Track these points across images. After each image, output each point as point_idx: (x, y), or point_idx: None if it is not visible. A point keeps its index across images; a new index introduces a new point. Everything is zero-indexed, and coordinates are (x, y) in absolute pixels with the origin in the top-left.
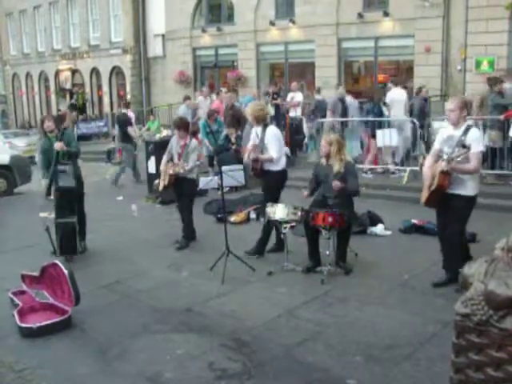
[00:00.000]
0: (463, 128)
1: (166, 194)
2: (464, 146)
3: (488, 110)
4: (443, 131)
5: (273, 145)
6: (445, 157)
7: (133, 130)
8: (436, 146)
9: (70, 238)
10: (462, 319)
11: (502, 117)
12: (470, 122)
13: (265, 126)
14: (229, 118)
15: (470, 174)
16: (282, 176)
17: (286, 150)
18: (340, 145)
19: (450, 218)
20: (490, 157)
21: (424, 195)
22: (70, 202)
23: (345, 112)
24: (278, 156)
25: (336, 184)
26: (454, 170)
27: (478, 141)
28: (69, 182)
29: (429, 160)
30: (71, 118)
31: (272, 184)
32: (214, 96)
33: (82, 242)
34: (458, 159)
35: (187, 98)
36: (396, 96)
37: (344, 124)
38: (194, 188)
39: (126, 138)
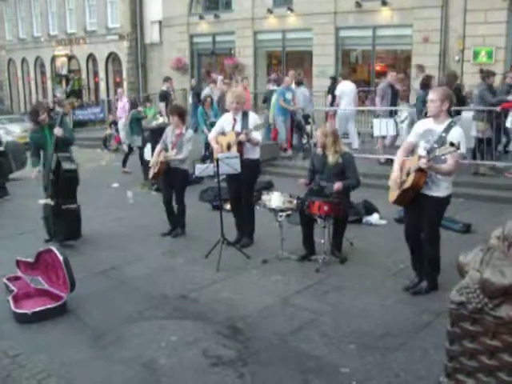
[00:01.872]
0: (445, 124)
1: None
2: (452, 144)
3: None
4: (420, 124)
5: (259, 128)
6: (423, 153)
7: (163, 106)
8: (410, 139)
9: (76, 222)
10: (457, 307)
11: (498, 108)
12: (454, 119)
13: (244, 113)
14: (224, 105)
15: (447, 176)
16: (259, 164)
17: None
18: (335, 136)
19: (424, 220)
20: (484, 147)
21: (393, 193)
22: (74, 185)
23: (395, 98)
24: (261, 142)
25: (338, 186)
26: (431, 168)
27: (460, 141)
28: (72, 165)
29: (400, 153)
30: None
31: (252, 172)
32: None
33: None
34: (443, 158)
35: (212, 81)
36: (345, 88)
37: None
38: (186, 179)
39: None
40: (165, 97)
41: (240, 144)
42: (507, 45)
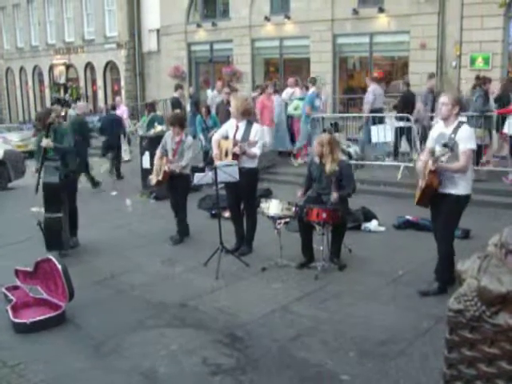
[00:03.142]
0: (454, 125)
1: (160, 190)
2: (446, 146)
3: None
4: (434, 129)
5: (259, 142)
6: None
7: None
8: (428, 144)
9: (56, 233)
10: (455, 315)
11: (495, 112)
12: (462, 119)
13: (249, 122)
14: (224, 114)
15: (460, 173)
16: (258, 173)
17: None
18: (332, 145)
19: (441, 217)
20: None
21: (417, 195)
22: (55, 197)
23: (434, 104)
24: (260, 153)
25: (334, 198)
26: (440, 168)
27: (467, 138)
28: (52, 178)
29: (423, 159)
30: (56, 112)
31: (250, 180)
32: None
33: (74, 237)
34: (443, 158)
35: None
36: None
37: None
38: (188, 184)
39: None
40: (178, 104)
41: (235, 153)
42: (504, 51)
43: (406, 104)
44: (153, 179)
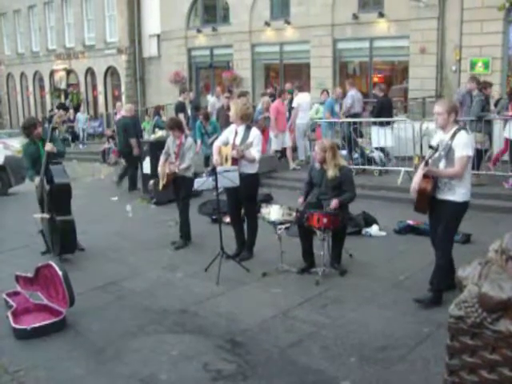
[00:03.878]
0: (452, 132)
1: (161, 195)
2: (431, 147)
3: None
4: (435, 137)
5: (257, 146)
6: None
7: (182, 117)
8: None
9: (70, 235)
10: (456, 321)
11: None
12: (460, 125)
13: (248, 127)
14: (224, 119)
15: (456, 179)
16: (258, 178)
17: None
18: (334, 151)
19: (440, 224)
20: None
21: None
22: (68, 197)
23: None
24: (259, 158)
25: (335, 203)
26: (432, 172)
27: (463, 145)
28: (64, 179)
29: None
30: (61, 116)
31: (250, 186)
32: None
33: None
34: (430, 160)
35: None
36: (301, 101)
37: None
38: (192, 186)
39: None
40: (182, 108)
41: (235, 158)
42: (503, 55)
43: (381, 110)
44: (160, 184)
